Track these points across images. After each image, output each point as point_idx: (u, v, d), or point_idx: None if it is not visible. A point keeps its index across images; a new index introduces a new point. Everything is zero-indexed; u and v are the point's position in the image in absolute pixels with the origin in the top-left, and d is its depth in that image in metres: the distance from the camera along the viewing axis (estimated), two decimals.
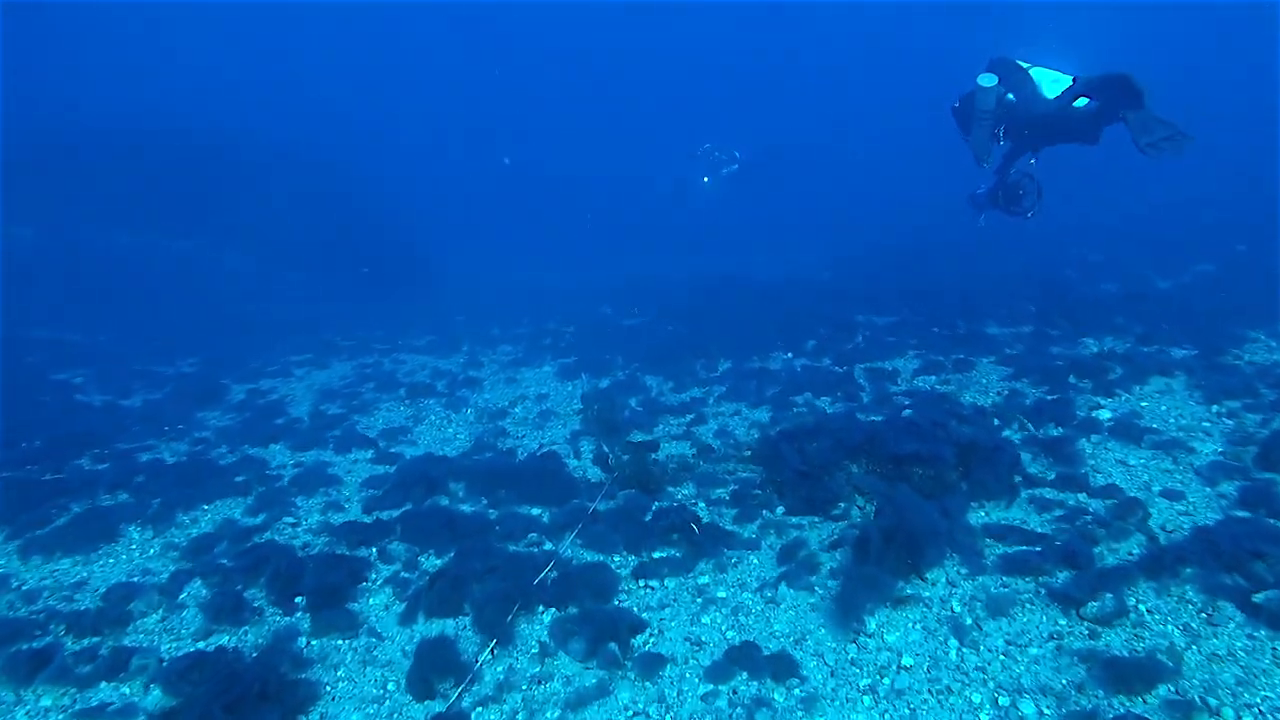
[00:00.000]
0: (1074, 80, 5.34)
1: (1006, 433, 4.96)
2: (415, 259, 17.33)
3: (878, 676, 2.92)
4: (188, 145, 15.09)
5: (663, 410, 6.35)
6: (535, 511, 4.55)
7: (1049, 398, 5.52)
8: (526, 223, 26.89)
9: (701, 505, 4.50)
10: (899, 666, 2.95)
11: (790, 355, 7.72)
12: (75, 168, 14.00)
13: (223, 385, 8.28)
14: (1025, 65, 5.54)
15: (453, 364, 8.90)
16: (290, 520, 4.68)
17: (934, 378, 6.46)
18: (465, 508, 4.69)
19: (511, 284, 17.36)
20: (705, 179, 14.82)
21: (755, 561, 3.85)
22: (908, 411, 5.51)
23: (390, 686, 3.13)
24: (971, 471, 3.83)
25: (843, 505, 4.20)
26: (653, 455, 5.22)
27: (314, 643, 3.44)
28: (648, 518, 4.27)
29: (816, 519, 4.17)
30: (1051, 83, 5.45)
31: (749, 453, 5.16)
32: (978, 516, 3.86)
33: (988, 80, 5.38)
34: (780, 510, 4.32)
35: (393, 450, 5.97)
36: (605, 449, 5.42)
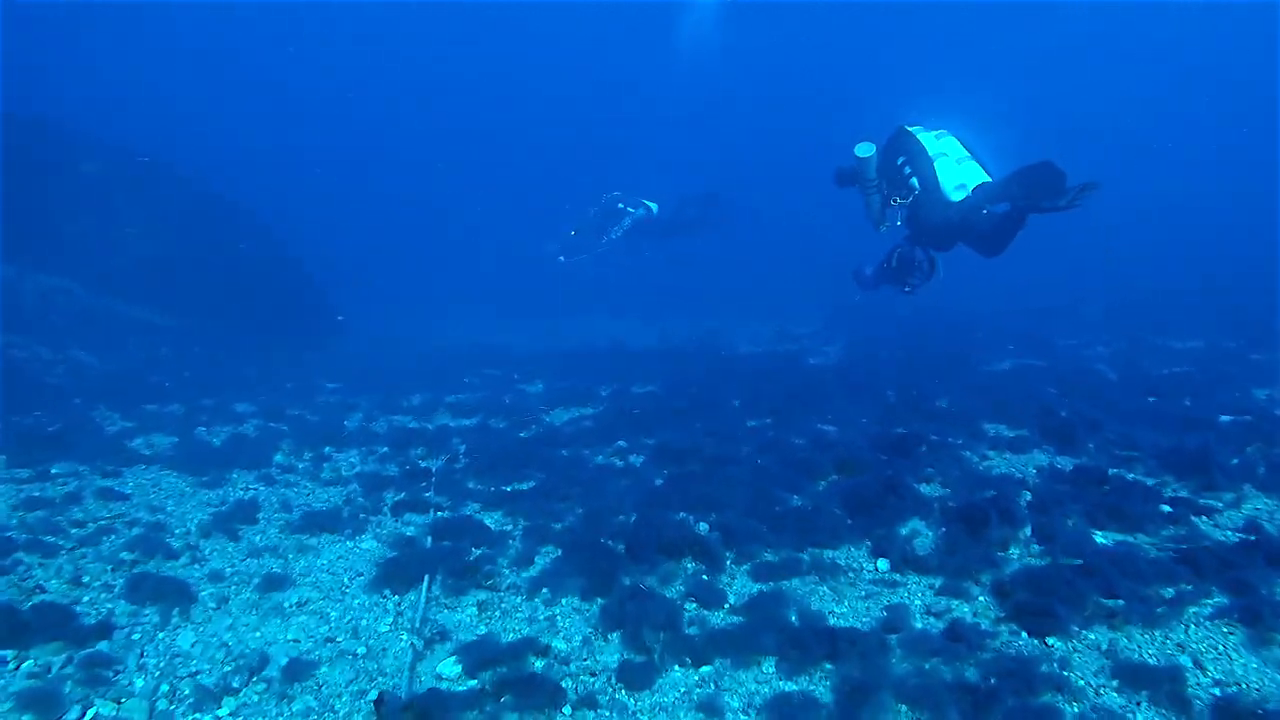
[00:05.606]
0: (986, 183, 4.85)
1: None
2: (313, 302, 12.85)
3: None
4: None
5: None
6: None
7: None
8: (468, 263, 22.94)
9: None
10: None
11: (887, 566, 3.59)
12: None
13: None
14: (932, 155, 5.00)
15: (208, 508, 4.57)
16: None
17: None
18: None
19: (445, 341, 13.03)
20: (572, 231, 12.31)
21: None
22: None
23: None
24: None
25: None
26: None
27: None
28: None
29: None
30: (956, 188, 4.91)
31: None
32: None
33: (865, 150, 5.11)
34: None
35: None
36: None
